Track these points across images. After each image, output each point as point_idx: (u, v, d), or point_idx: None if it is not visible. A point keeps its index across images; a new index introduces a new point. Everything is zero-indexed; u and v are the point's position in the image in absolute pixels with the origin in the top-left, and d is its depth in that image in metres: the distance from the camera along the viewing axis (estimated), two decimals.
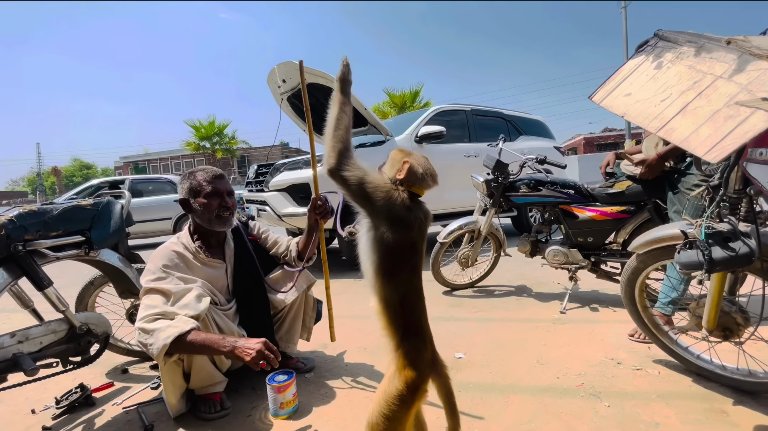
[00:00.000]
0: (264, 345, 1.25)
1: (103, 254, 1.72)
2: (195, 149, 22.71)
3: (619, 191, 2.25)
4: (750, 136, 0.65)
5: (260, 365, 1.21)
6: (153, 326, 1.30)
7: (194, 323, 1.31)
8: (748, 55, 0.73)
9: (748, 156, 0.83)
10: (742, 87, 0.72)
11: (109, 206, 1.75)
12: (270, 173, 3.92)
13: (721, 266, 1.05)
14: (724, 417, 1.25)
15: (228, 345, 1.27)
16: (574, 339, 1.94)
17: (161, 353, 1.26)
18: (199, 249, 1.57)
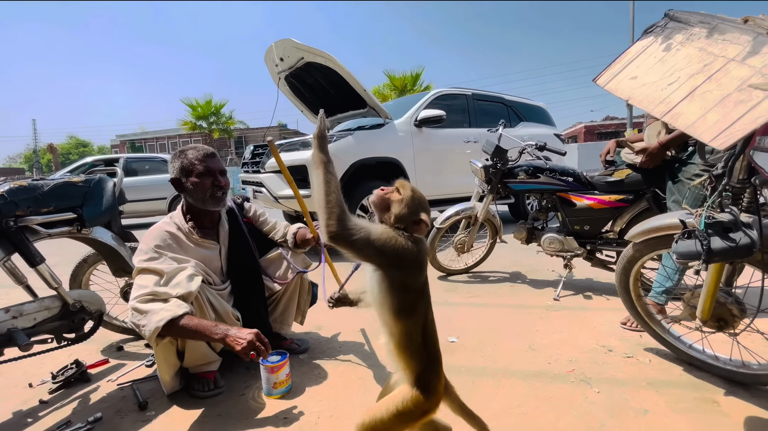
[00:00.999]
0: (256, 336, 1.25)
1: (95, 232, 1.70)
2: (191, 128, 22.41)
3: (619, 179, 2.23)
4: (761, 122, 0.63)
5: (250, 355, 1.22)
6: (146, 307, 1.30)
7: (187, 307, 1.31)
8: (765, 36, 0.70)
9: (756, 144, 0.81)
10: (756, 70, 0.69)
11: (101, 183, 1.72)
12: (266, 154, 3.87)
13: (720, 256, 1.04)
14: (715, 406, 1.27)
15: (220, 332, 1.27)
16: (566, 325, 1.95)
17: (153, 335, 1.26)
18: (192, 230, 1.55)
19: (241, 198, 1.82)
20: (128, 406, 1.42)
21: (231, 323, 1.54)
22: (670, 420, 1.20)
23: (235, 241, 1.66)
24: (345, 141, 3.68)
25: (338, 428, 1.24)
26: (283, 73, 4.23)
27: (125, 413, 1.38)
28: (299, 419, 1.29)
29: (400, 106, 4.55)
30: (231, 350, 1.25)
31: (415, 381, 0.87)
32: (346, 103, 4.31)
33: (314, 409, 1.35)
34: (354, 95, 3.89)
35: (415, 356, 0.87)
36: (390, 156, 3.90)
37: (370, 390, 1.45)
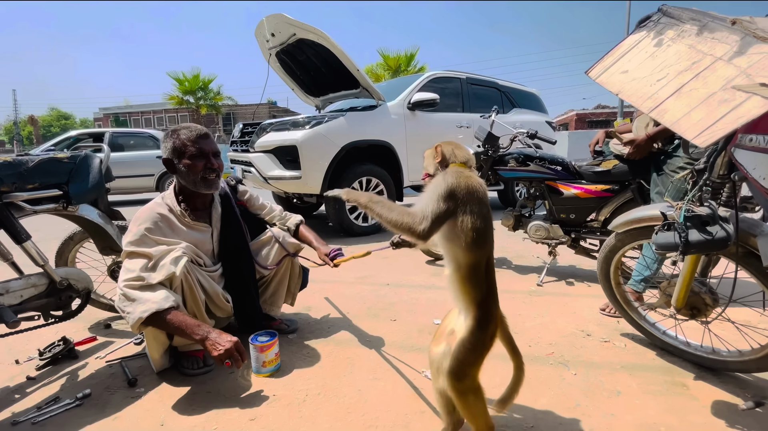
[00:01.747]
0: (235, 345, 1.27)
1: (82, 210, 1.68)
2: (178, 103, 21.77)
3: (606, 169, 2.27)
4: (743, 121, 0.65)
5: (225, 363, 1.25)
6: (134, 294, 1.30)
7: (174, 302, 1.32)
8: (752, 37, 0.72)
9: (738, 142, 0.83)
10: (741, 71, 0.71)
11: (87, 160, 1.68)
12: (256, 133, 3.81)
13: (696, 248, 1.08)
14: (684, 389, 1.34)
15: (201, 333, 1.29)
16: (548, 310, 2.02)
17: (136, 324, 1.28)
18: (184, 212, 1.53)
19: (234, 180, 1.80)
20: (117, 383, 1.44)
21: (221, 304, 1.55)
22: (641, 402, 1.27)
23: (227, 224, 1.65)
24: (337, 122, 3.63)
25: (326, 405, 1.28)
26: (274, 50, 4.12)
27: (114, 389, 1.40)
28: (287, 396, 1.33)
29: (393, 87, 4.49)
30: (208, 354, 1.29)
31: (477, 308, 0.95)
32: (339, 83, 4.23)
33: (302, 387, 1.38)
34: (347, 75, 3.82)
35: (478, 286, 0.95)
36: (382, 139, 3.87)
37: (357, 369, 1.49)
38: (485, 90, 5.11)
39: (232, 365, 1.26)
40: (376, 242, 3.63)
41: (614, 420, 1.18)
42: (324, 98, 4.79)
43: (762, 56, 0.69)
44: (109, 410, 1.28)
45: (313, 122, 3.56)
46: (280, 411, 1.25)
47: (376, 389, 1.36)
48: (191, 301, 1.44)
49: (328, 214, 3.82)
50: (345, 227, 3.74)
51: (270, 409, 1.27)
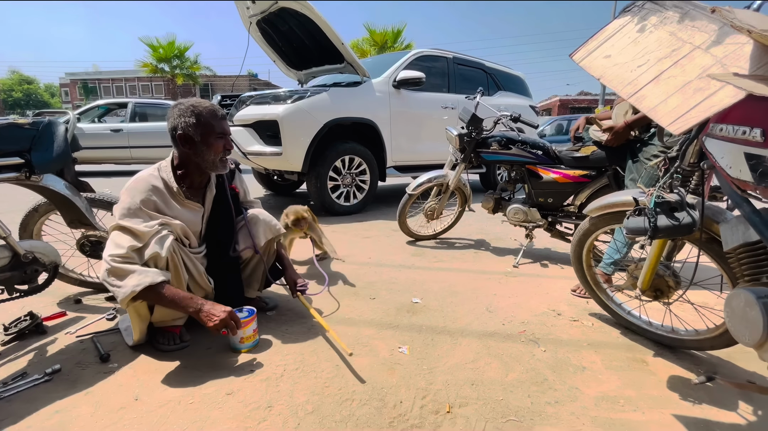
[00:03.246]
0: (229, 314, 1.29)
1: (46, 180, 1.59)
2: (152, 71, 20.71)
3: (584, 155, 2.32)
4: (715, 110, 0.67)
5: (222, 332, 1.26)
6: (124, 268, 1.27)
7: (166, 276, 1.30)
8: (729, 27, 0.73)
9: (709, 131, 0.86)
10: (717, 60, 0.72)
11: (51, 126, 1.59)
12: (235, 106, 3.68)
13: (664, 233, 1.13)
14: (643, 365, 1.43)
15: (195, 306, 1.29)
16: (522, 290, 2.08)
17: (127, 298, 1.25)
18: (180, 189, 1.48)
19: (234, 164, 1.74)
20: (89, 358, 1.41)
21: (204, 284, 1.53)
22: (604, 377, 1.35)
23: (218, 207, 1.61)
24: (320, 98, 3.54)
25: (303, 379, 1.30)
26: (255, 18, 3.94)
27: (86, 365, 1.37)
28: (265, 371, 1.34)
29: (379, 64, 4.39)
30: (203, 325, 1.29)
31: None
32: (323, 57, 4.11)
33: (280, 362, 1.40)
34: (331, 48, 3.70)
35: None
36: (366, 117, 3.81)
37: (336, 346, 1.51)
38: (472, 71, 5.06)
39: (228, 333, 1.28)
40: (358, 222, 3.63)
41: (578, 393, 1.25)
42: (307, 72, 4.64)
43: (737, 46, 0.71)
44: (80, 385, 1.26)
45: (295, 97, 3.46)
46: (257, 386, 1.26)
47: (354, 364, 1.39)
48: (174, 280, 1.41)
49: (309, 192, 3.77)
50: (326, 206, 3.72)
51: (247, 384, 1.28)
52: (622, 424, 1.12)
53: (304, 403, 1.19)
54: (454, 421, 1.12)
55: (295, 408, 1.16)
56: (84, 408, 1.15)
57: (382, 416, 1.14)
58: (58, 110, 5.81)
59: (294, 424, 1.10)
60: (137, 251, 1.31)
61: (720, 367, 1.43)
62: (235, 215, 1.66)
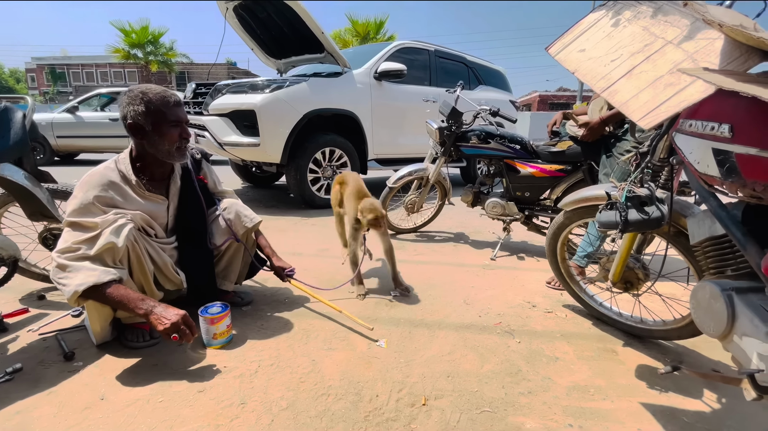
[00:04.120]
0: (182, 318, 1.22)
1: (4, 170, 1.50)
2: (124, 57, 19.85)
3: (561, 150, 2.35)
4: (684, 105, 0.68)
5: (172, 338, 1.20)
6: (71, 265, 1.20)
7: (114, 275, 1.23)
8: (701, 22, 0.74)
9: (679, 126, 0.87)
10: (688, 55, 0.73)
11: (7, 113, 1.49)
12: (210, 95, 3.55)
13: (634, 227, 1.16)
14: (613, 355, 1.47)
15: (145, 308, 1.22)
16: (499, 283, 2.11)
17: (72, 298, 1.19)
18: (140, 181, 1.41)
19: (200, 153, 1.67)
20: (52, 357, 1.35)
21: (172, 277, 1.48)
22: (576, 366, 1.38)
23: (185, 199, 1.55)
24: (299, 88, 3.46)
25: (278, 375, 1.28)
26: (232, 4, 3.80)
27: (49, 364, 1.31)
28: (239, 368, 1.31)
29: (360, 55, 4.33)
30: (154, 328, 1.23)
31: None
32: (302, 46, 4.01)
33: (255, 358, 1.37)
34: (311, 37, 3.62)
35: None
36: (346, 109, 3.76)
37: (313, 340, 1.49)
38: (453, 65, 5.05)
39: (180, 339, 1.21)
40: None
41: (551, 383, 1.28)
42: (286, 61, 4.53)
43: (708, 42, 0.72)
44: (42, 385, 1.20)
45: (274, 86, 3.37)
46: (230, 382, 1.24)
47: (331, 359, 1.37)
48: (138, 272, 1.36)
49: (288, 185, 3.70)
50: (306, 199, 3.66)
51: (220, 380, 1.25)
52: (591, 413, 1.15)
53: (279, 399, 1.17)
54: (429, 414, 1.12)
55: (269, 405, 1.14)
56: (46, 409, 1.10)
57: (358, 410, 1.13)
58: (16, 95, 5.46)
59: (268, 421, 1.08)
60: (88, 244, 1.24)
61: (686, 356, 1.48)
62: (206, 206, 1.61)
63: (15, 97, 4.63)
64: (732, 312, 0.83)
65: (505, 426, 1.09)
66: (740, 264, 0.93)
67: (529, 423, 1.10)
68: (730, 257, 0.96)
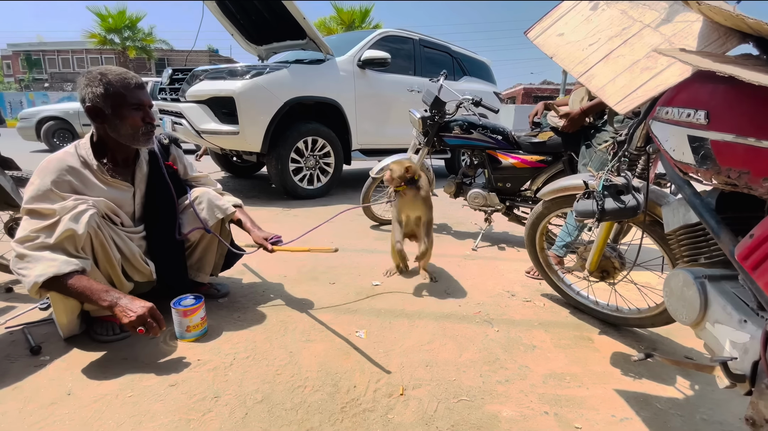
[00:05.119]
0: (149, 311, 1.18)
1: None
2: (101, 42, 19.05)
3: (542, 141, 2.36)
4: (661, 89, 0.67)
5: (138, 330, 1.16)
6: (30, 253, 1.14)
7: (76, 265, 1.17)
8: (680, 4, 0.73)
9: (655, 114, 0.87)
10: (666, 38, 0.72)
11: None
12: (187, 81, 3.44)
13: (610, 216, 1.16)
14: (589, 343, 1.49)
15: (109, 299, 1.17)
16: (479, 273, 2.12)
17: (33, 289, 1.14)
18: (102, 167, 1.34)
19: (168, 139, 1.60)
20: (18, 351, 1.29)
21: (140, 267, 1.42)
22: (552, 354, 1.39)
23: (152, 186, 1.48)
24: (280, 74, 3.37)
25: (254, 368, 1.25)
26: None
27: (15, 358, 1.25)
28: (213, 361, 1.28)
29: (343, 42, 4.24)
30: (118, 321, 1.18)
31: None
32: (284, 32, 3.90)
33: (230, 351, 1.34)
34: (292, 23, 3.52)
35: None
36: (329, 97, 3.68)
37: (290, 332, 1.46)
38: (438, 54, 5.01)
39: (146, 332, 1.17)
40: (321, 206, 3.55)
41: (528, 371, 1.29)
42: (268, 47, 4.42)
43: (686, 24, 0.71)
44: (8, 379, 1.15)
45: (253, 72, 3.28)
46: (204, 376, 1.20)
47: (308, 350, 1.35)
48: (104, 261, 1.30)
49: (270, 175, 3.63)
50: (289, 190, 3.60)
51: (193, 374, 1.21)
52: (567, 400, 1.16)
53: (254, 392, 1.14)
54: (407, 403, 1.12)
55: (244, 398, 1.11)
56: (11, 404, 1.06)
57: (335, 401, 1.12)
58: None
59: (241, 414, 1.06)
60: (46, 232, 1.18)
61: (660, 344, 1.52)
62: (176, 194, 1.54)
63: None
64: (704, 300, 0.84)
65: (481, 414, 1.09)
66: (713, 252, 0.94)
67: (505, 411, 1.10)
68: (704, 246, 0.97)
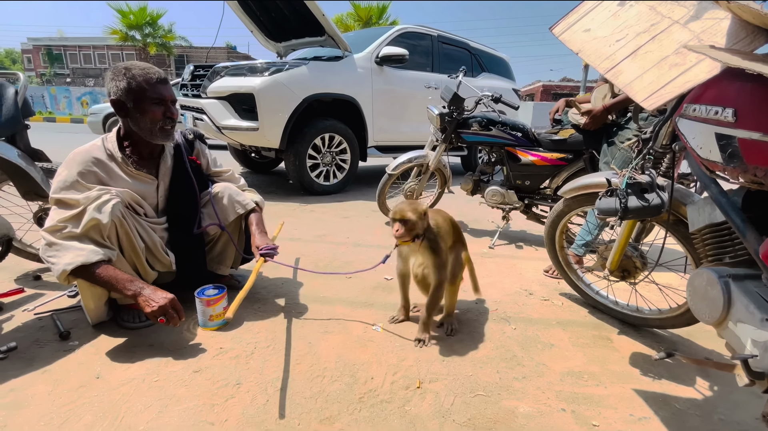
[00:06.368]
0: (170, 302, 1.23)
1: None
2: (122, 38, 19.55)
3: (562, 138, 2.33)
4: (690, 86, 0.66)
5: (159, 320, 1.21)
6: (59, 242, 1.20)
7: (103, 255, 1.22)
8: (709, 2, 0.72)
9: (682, 111, 0.86)
10: (695, 35, 0.71)
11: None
12: (208, 77, 3.50)
13: (633, 214, 1.15)
14: (608, 343, 1.47)
15: (134, 289, 1.22)
16: (496, 271, 2.11)
17: (61, 276, 1.19)
18: (127, 160, 1.39)
19: (193, 134, 1.64)
20: (47, 336, 1.35)
21: (161, 257, 1.47)
22: (570, 353, 1.39)
23: (176, 180, 1.53)
24: (299, 71, 3.41)
25: (274, 357, 1.28)
26: None
27: (44, 343, 1.31)
28: (235, 349, 1.32)
29: (361, 39, 4.25)
30: (141, 310, 1.24)
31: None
32: (302, 29, 3.94)
33: (251, 340, 1.37)
34: (311, 19, 3.55)
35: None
36: (347, 94, 3.70)
37: (309, 323, 1.49)
38: (456, 51, 4.97)
39: (167, 322, 1.21)
40: (337, 202, 3.58)
41: (545, 369, 1.29)
42: (286, 44, 4.46)
43: (715, 22, 0.70)
44: (37, 363, 1.21)
45: (273, 69, 3.32)
46: (226, 363, 1.24)
47: (326, 342, 1.38)
48: (129, 250, 1.35)
49: (287, 170, 3.68)
50: (306, 186, 3.64)
51: (216, 361, 1.25)
52: (584, 398, 1.16)
53: (275, 380, 1.17)
54: (423, 396, 1.13)
55: (265, 385, 1.15)
56: (41, 387, 1.11)
57: (353, 392, 1.14)
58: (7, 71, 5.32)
59: (263, 401, 1.09)
60: (73, 222, 1.23)
61: (680, 345, 1.49)
62: (198, 189, 1.58)
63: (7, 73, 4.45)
64: (728, 299, 0.83)
65: (498, 409, 1.10)
66: (738, 251, 0.92)
67: (522, 407, 1.11)
68: (729, 245, 0.95)
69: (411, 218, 1.28)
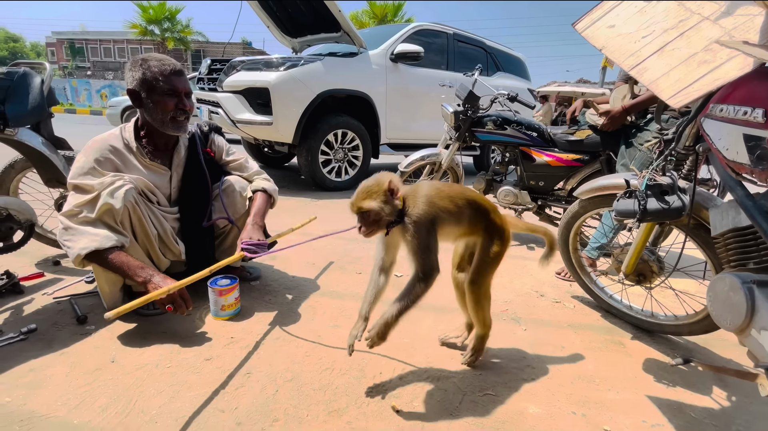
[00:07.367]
0: (178, 291, 1.24)
1: (21, 134, 1.52)
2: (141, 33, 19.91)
3: (579, 139, 2.29)
4: (719, 83, 0.64)
5: (167, 308, 1.22)
6: (75, 226, 1.23)
7: (116, 241, 1.25)
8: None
9: (708, 112, 0.83)
10: (726, 32, 0.69)
11: (26, 78, 1.50)
12: (224, 71, 3.54)
13: (653, 216, 1.12)
14: (620, 347, 1.45)
15: (144, 276, 1.25)
16: (507, 272, 2.09)
17: (76, 260, 1.23)
18: (142, 150, 1.42)
19: (208, 126, 1.66)
20: (65, 319, 1.39)
21: (171, 245, 1.48)
22: (582, 356, 1.36)
23: (189, 172, 1.55)
24: (314, 67, 3.42)
25: (284, 348, 1.29)
26: None
27: (62, 326, 1.35)
28: (246, 339, 1.33)
29: (376, 35, 4.24)
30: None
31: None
32: (318, 24, 3.95)
33: (261, 331, 1.39)
34: (327, 15, 3.55)
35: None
36: (361, 90, 3.70)
37: (319, 317, 1.50)
38: (472, 49, 4.93)
39: (174, 310, 1.23)
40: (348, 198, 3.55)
41: (555, 371, 1.27)
42: (302, 40, 4.48)
43: (748, 18, 0.67)
44: (55, 345, 1.24)
45: (288, 64, 3.34)
46: (237, 353, 1.26)
47: (336, 335, 1.38)
48: (143, 236, 1.38)
49: (299, 166, 3.70)
50: (317, 181, 3.66)
51: (227, 350, 1.27)
52: (596, 402, 1.14)
53: (284, 371, 1.18)
54: (432, 393, 1.13)
55: (274, 376, 1.16)
56: (59, 368, 1.14)
57: (361, 385, 1.14)
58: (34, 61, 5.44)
59: (272, 391, 1.10)
60: (88, 207, 1.26)
61: (696, 352, 1.45)
62: (210, 181, 1.60)
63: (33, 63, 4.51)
64: (752, 305, 0.80)
65: (507, 409, 1.09)
66: (764, 257, 0.89)
67: (531, 408, 1.10)
68: (754, 250, 0.92)
69: (370, 207, 1.04)
